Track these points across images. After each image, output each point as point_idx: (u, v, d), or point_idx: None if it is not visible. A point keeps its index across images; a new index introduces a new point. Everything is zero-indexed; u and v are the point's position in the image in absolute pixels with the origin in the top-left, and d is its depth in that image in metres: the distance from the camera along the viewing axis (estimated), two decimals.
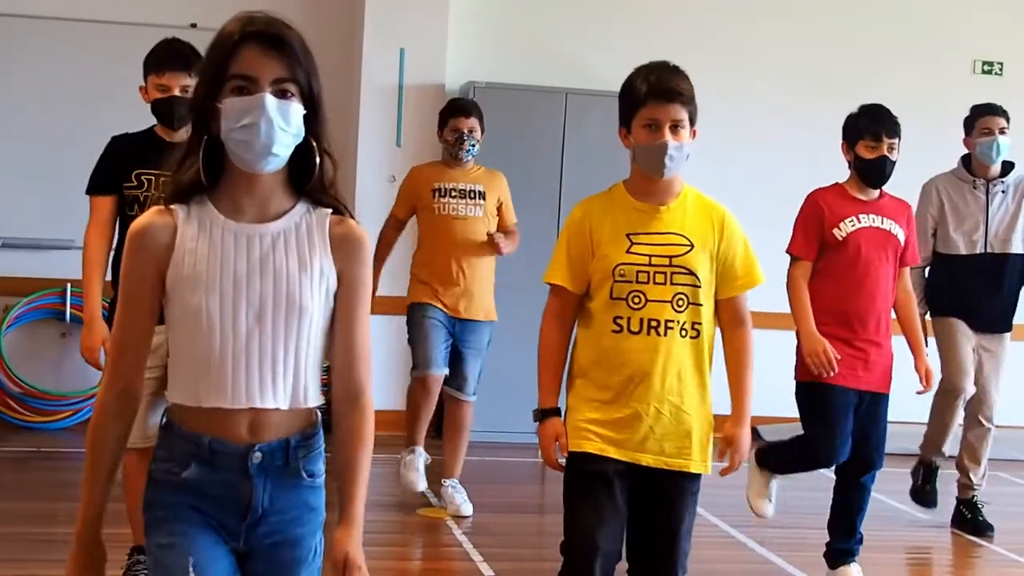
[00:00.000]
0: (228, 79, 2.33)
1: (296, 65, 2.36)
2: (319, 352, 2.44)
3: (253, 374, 2.35)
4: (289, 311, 2.36)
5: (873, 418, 5.21)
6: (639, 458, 3.44)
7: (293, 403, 2.40)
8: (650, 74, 3.45)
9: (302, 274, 2.38)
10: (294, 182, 2.43)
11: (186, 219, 2.37)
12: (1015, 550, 6.26)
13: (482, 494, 6.46)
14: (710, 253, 3.48)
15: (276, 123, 2.31)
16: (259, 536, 2.42)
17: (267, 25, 2.36)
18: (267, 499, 2.41)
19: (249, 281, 2.36)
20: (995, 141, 6.35)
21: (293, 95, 2.35)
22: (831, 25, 9.17)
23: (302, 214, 2.43)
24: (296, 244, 2.40)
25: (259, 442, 2.38)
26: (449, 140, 6.25)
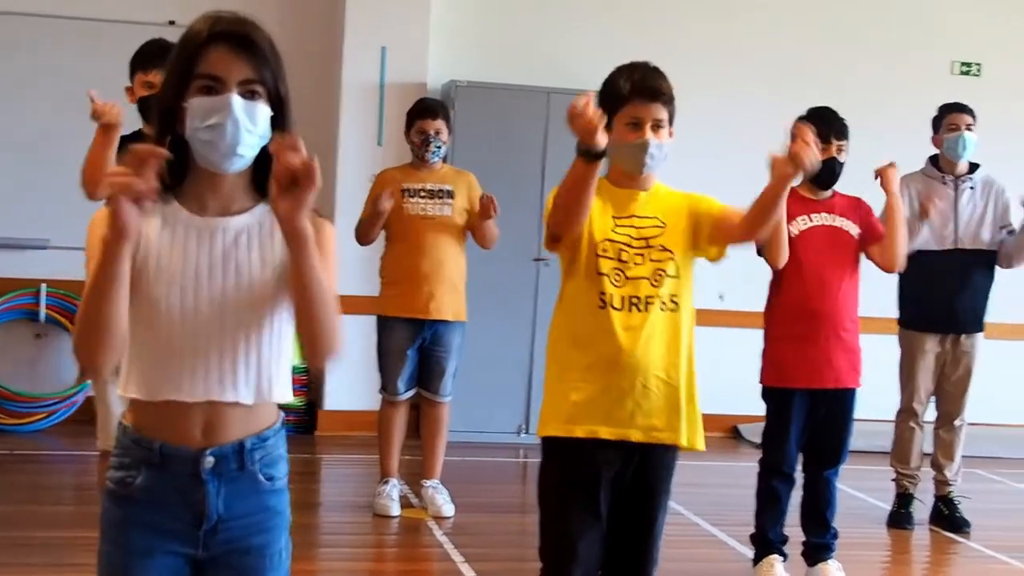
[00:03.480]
0: (195, 78, 2.32)
1: (263, 66, 2.35)
2: (284, 347, 2.42)
3: (212, 367, 2.34)
4: (250, 305, 2.35)
5: (838, 413, 5.29)
6: (628, 434, 3.48)
7: (258, 397, 2.38)
8: (634, 73, 3.51)
9: (264, 269, 2.37)
10: (259, 183, 2.42)
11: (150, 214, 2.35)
12: (992, 546, 6.30)
13: (463, 494, 6.46)
14: (682, 231, 3.55)
15: (242, 124, 2.30)
16: (219, 543, 2.39)
17: (235, 25, 2.35)
18: (222, 505, 2.37)
19: (211, 275, 2.35)
20: (961, 136, 6.43)
21: (260, 96, 2.34)
22: (810, 25, 9.20)
23: (265, 211, 2.40)
24: (259, 241, 2.39)
25: (212, 445, 2.36)
26: (416, 142, 6.23)
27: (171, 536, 2.37)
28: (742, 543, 5.77)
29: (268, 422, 2.43)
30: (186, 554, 2.39)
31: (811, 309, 5.20)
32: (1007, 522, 6.93)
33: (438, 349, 6.23)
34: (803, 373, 5.21)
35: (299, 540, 2.57)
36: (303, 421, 7.96)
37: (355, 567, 5.59)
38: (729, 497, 6.64)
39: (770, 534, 5.37)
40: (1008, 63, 9.39)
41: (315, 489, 6.90)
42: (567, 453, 3.50)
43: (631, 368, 3.47)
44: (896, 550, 6.47)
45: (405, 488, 6.54)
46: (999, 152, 7.42)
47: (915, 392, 6.53)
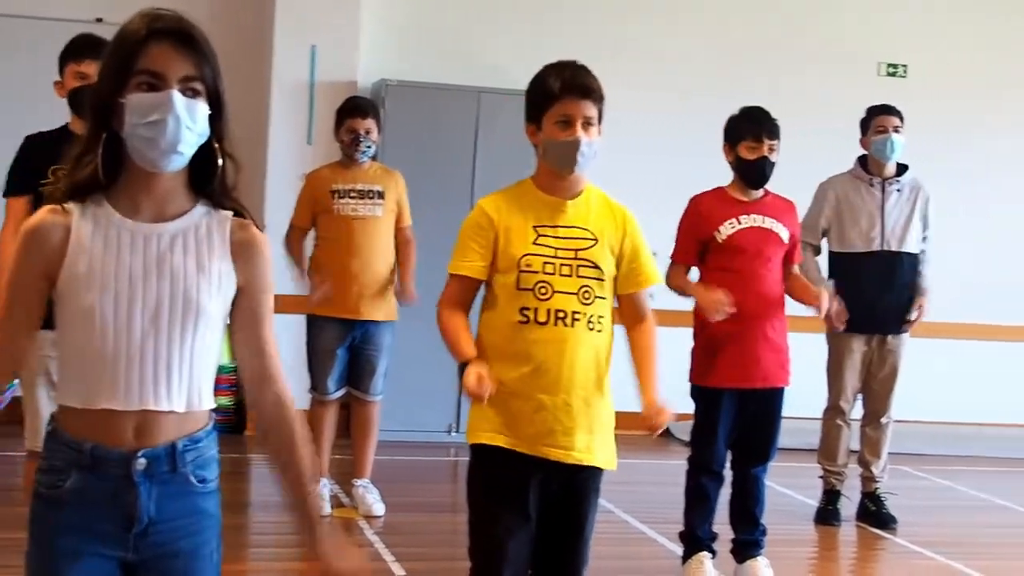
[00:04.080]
0: (134, 75, 2.29)
1: (204, 63, 2.33)
2: (215, 355, 2.41)
3: (147, 375, 2.31)
4: (185, 312, 2.33)
5: (767, 412, 5.35)
6: (547, 452, 3.45)
7: (189, 406, 2.36)
8: (563, 71, 3.48)
9: (200, 276, 2.35)
10: (194, 183, 2.40)
11: (81, 217, 2.32)
12: (917, 542, 6.38)
13: (394, 494, 6.44)
14: (612, 250, 3.52)
15: (183, 121, 2.28)
16: (150, 546, 2.36)
17: (176, 22, 2.33)
18: (154, 507, 2.34)
19: (145, 281, 2.32)
20: (889, 138, 6.50)
21: (200, 94, 2.32)
22: (740, 26, 9.27)
23: (202, 215, 2.39)
24: (195, 245, 2.36)
25: (144, 447, 2.33)
26: (345, 140, 6.21)
27: (101, 539, 2.34)
28: (672, 541, 5.81)
29: (200, 424, 2.41)
30: (116, 557, 2.36)
31: (740, 309, 5.22)
32: (932, 518, 7.03)
33: (368, 348, 6.22)
34: (732, 372, 5.26)
35: (229, 541, 2.55)
36: (232, 421, 7.91)
37: (285, 567, 5.56)
38: (659, 495, 6.68)
39: (699, 531, 5.41)
40: (933, 64, 9.52)
41: (245, 489, 6.85)
42: (494, 458, 3.48)
43: (553, 384, 3.43)
44: (823, 546, 6.54)
45: (336, 488, 6.52)
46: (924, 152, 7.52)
47: (842, 391, 6.61)
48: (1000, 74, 9.63)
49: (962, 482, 8.05)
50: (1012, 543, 6.67)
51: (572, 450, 3.46)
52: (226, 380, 7.70)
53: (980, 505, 7.53)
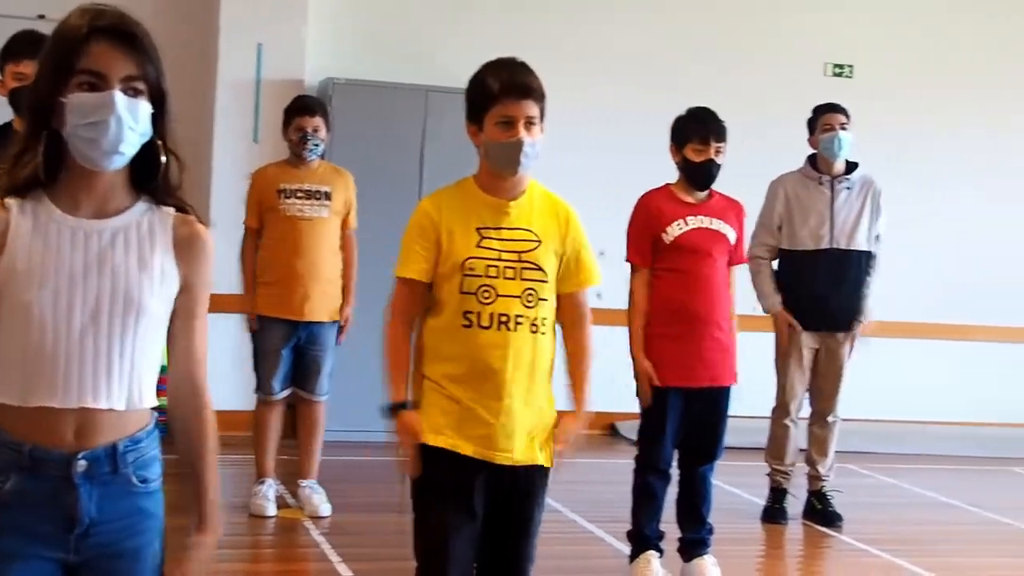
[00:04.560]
0: (75, 74, 2.26)
1: (147, 62, 2.30)
2: (158, 353, 2.38)
3: (86, 373, 2.28)
4: (126, 310, 2.30)
5: (713, 411, 5.37)
6: (491, 455, 3.42)
7: (130, 404, 2.33)
8: (501, 70, 3.42)
9: (141, 273, 2.32)
10: (136, 180, 2.37)
11: (20, 214, 2.29)
12: (863, 539, 6.43)
13: (340, 494, 6.41)
14: (555, 249, 3.49)
15: (125, 122, 2.25)
16: (91, 547, 2.33)
17: (117, 20, 2.30)
18: (95, 509, 2.32)
19: (85, 278, 2.29)
20: (836, 136, 6.54)
21: (142, 93, 2.29)
22: (686, 26, 9.30)
23: (143, 212, 2.36)
24: (137, 242, 2.34)
25: (84, 448, 2.30)
26: (293, 139, 6.17)
27: (42, 540, 2.31)
28: (619, 540, 5.81)
29: (141, 424, 2.38)
30: (57, 559, 2.33)
31: (687, 309, 5.26)
32: (878, 516, 7.07)
33: (314, 349, 6.19)
34: (679, 372, 5.27)
35: (173, 542, 2.52)
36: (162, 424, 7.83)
37: (231, 568, 5.51)
38: (606, 494, 6.68)
39: (646, 530, 5.41)
40: (879, 65, 9.60)
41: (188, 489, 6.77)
42: (439, 460, 3.45)
43: (496, 389, 3.40)
44: (770, 544, 6.57)
45: (281, 488, 6.47)
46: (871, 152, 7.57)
47: (790, 390, 6.63)
48: (946, 73, 9.73)
49: (907, 480, 8.11)
50: (956, 540, 6.73)
51: (514, 452, 3.44)
52: None
53: (925, 503, 7.59)
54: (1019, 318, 9.90)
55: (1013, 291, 9.88)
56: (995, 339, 9.91)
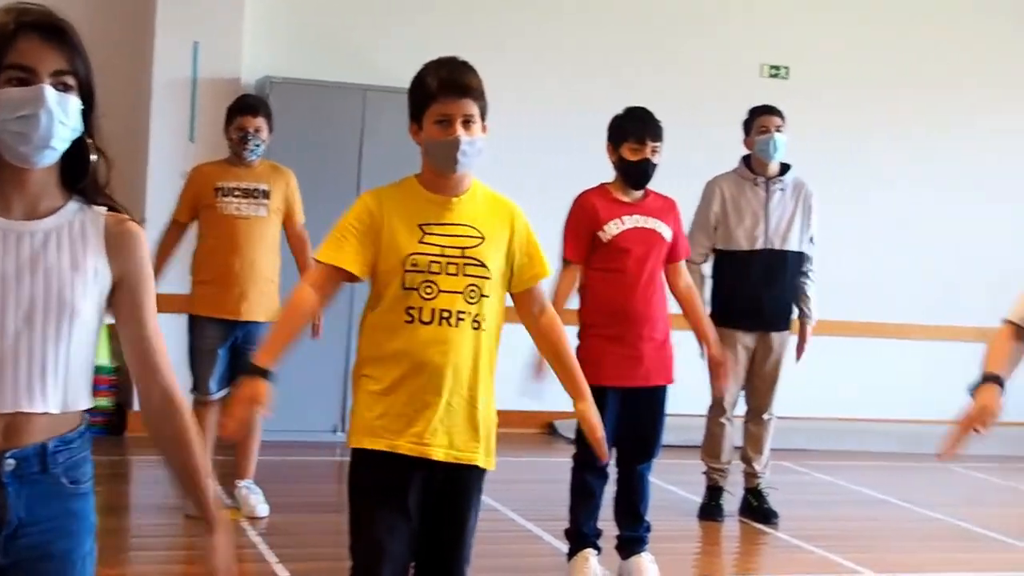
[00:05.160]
0: (3, 70, 2.23)
1: (76, 57, 2.28)
2: (91, 354, 2.36)
3: (21, 377, 2.25)
4: (60, 312, 2.27)
5: (651, 410, 5.41)
6: (429, 452, 3.42)
7: (64, 407, 2.30)
8: (440, 69, 3.42)
9: (74, 274, 2.30)
10: (66, 180, 2.35)
11: None
12: (799, 536, 6.49)
13: (278, 494, 6.38)
14: (500, 247, 3.49)
15: (56, 115, 2.23)
16: (21, 549, 2.30)
17: (45, 16, 2.28)
18: (23, 509, 2.29)
19: (18, 280, 2.26)
20: (771, 138, 6.59)
21: (72, 88, 2.27)
22: (625, 26, 9.33)
23: (75, 212, 2.34)
24: (69, 243, 2.31)
25: (13, 447, 2.27)
26: (234, 138, 6.13)
27: None
28: (557, 538, 5.83)
29: (72, 424, 2.36)
30: None
31: (623, 309, 5.28)
32: (813, 512, 7.15)
33: (251, 348, 6.14)
34: (616, 371, 5.29)
35: (108, 544, 2.51)
36: (112, 422, 7.76)
37: (166, 570, 5.48)
38: (544, 492, 6.70)
39: (584, 528, 5.43)
40: (814, 66, 9.68)
41: (124, 491, 6.73)
42: (375, 460, 3.45)
43: (436, 384, 3.40)
44: (707, 541, 6.61)
45: (218, 489, 6.41)
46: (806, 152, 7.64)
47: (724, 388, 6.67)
48: (880, 73, 9.83)
49: (843, 477, 8.19)
50: (890, 536, 6.80)
51: (454, 449, 3.45)
52: (106, 381, 7.58)
53: (860, 499, 7.67)
54: (955, 316, 10.03)
55: (950, 289, 10.01)
56: (931, 337, 10.03)
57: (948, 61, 10.02)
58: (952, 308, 10.03)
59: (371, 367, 3.48)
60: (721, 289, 6.64)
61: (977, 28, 10.13)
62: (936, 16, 10.05)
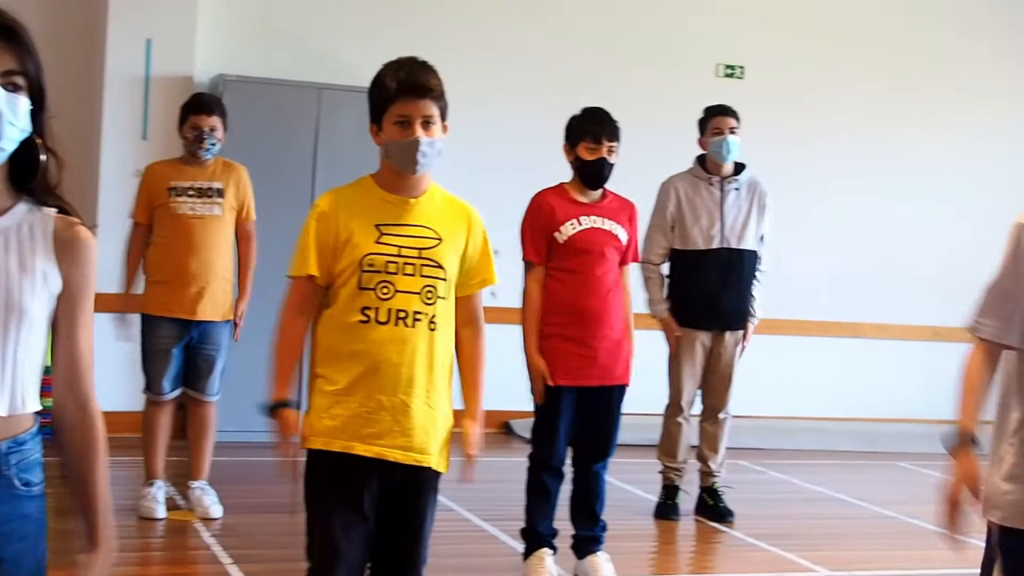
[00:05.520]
0: None
1: (26, 57, 2.25)
2: (40, 356, 2.33)
3: None
4: (8, 314, 2.24)
5: (606, 409, 5.42)
6: (385, 453, 3.41)
7: (12, 409, 2.27)
8: (400, 70, 3.42)
9: (23, 276, 2.26)
10: (16, 180, 2.31)
11: None
12: (754, 534, 6.51)
13: (232, 495, 6.34)
14: (456, 249, 3.49)
15: (5, 116, 2.19)
16: None
17: None
18: None
19: None
20: (725, 140, 6.61)
21: (21, 88, 2.24)
22: (582, 27, 9.34)
23: (24, 214, 2.31)
24: (17, 245, 2.28)
25: None
26: (189, 137, 6.09)
27: None
28: (513, 538, 5.82)
29: (25, 426, 2.33)
30: None
31: (580, 309, 5.29)
32: (768, 511, 7.17)
33: (206, 347, 6.11)
34: (572, 370, 5.30)
35: (60, 547, 2.47)
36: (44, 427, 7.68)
37: (119, 572, 5.41)
38: (500, 492, 6.67)
39: (540, 528, 5.43)
40: (769, 66, 9.72)
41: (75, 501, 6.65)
42: (330, 462, 3.44)
43: (392, 385, 3.39)
44: (662, 540, 6.62)
45: (171, 490, 6.38)
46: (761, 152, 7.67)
47: (682, 387, 6.69)
48: (835, 74, 9.89)
49: (797, 476, 8.23)
50: (845, 534, 6.84)
51: (411, 451, 3.43)
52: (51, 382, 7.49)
53: (814, 498, 7.71)
54: (908, 316, 10.11)
55: (903, 289, 10.09)
56: (885, 337, 10.10)
57: (901, 62, 10.09)
58: (906, 307, 10.11)
59: (326, 367, 3.47)
60: (678, 289, 6.65)
61: (929, 30, 10.21)
62: (890, 18, 10.11)
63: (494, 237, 3.68)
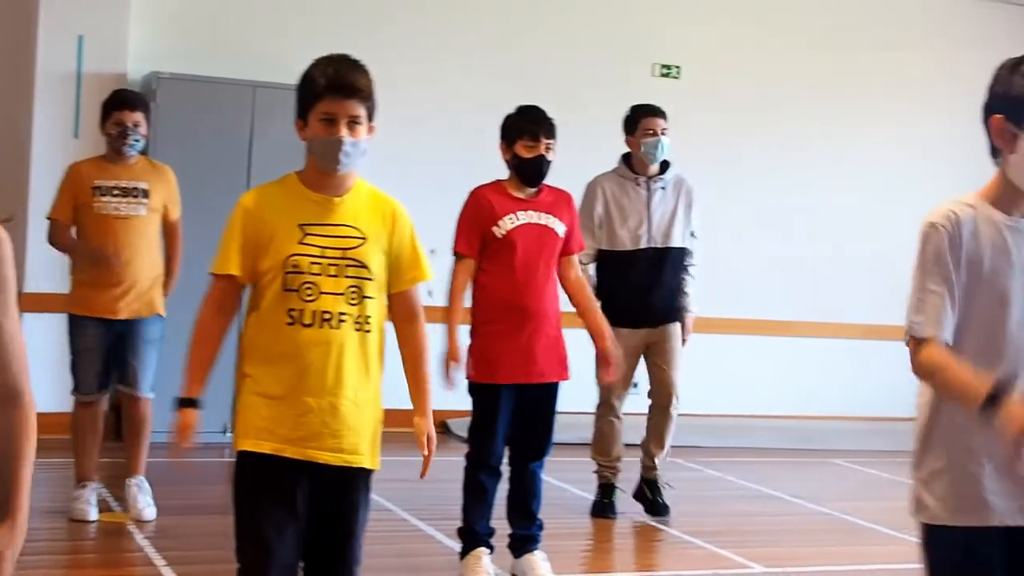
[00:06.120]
0: None
1: None
2: None
3: None
4: None
5: (542, 407, 5.42)
6: (314, 455, 3.39)
7: None
8: (328, 67, 3.40)
9: None
10: None
11: None
12: (690, 532, 6.53)
13: (166, 496, 6.27)
14: (382, 247, 3.47)
15: None
16: None
17: None
18: None
19: None
20: (658, 141, 6.63)
21: None
22: (517, 24, 9.34)
23: None
24: None
25: None
26: (112, 134, 6.02)
27: None
28: (450, 537, 5.81)
29: None
30: None
31: (517, 305, 5.28)
32: (704, 508, 7.20)
33: (133, 344, 6.04)
34: (509, 368, 5.29)
35: None
36: None
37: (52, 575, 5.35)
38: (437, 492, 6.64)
39: (477, 527, 5.42)
40: (705, 66, 9.77)
41: None
42: (260, 463, 3.41)
43: (319, 387, 3.37)
44: (599, 539, 6.64)
45: (104, 492, 6.31)
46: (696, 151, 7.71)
47: (614, 386, 6.70)
48: (770, 74, 9.95)
49: (733, 473, 8.28)
50: (779, 530, 6.89)
51: (341, 452, 3.41)
52: None
53: (750, 495, 7.75)
54: (841, 314, 10.20)
55: (836, 288, 10.17)
56: (819, 335, 10.18)
57: (836, 62, 10.17)
58: (839, 305, 10.20)
59: (253, 368, 3.44)
60: (607, 287, 6.65)
61: (864, 30, 10.30)
62: (825, 17, 10.20)
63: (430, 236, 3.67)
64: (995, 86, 2.91)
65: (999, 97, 2.89)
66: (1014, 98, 2.84)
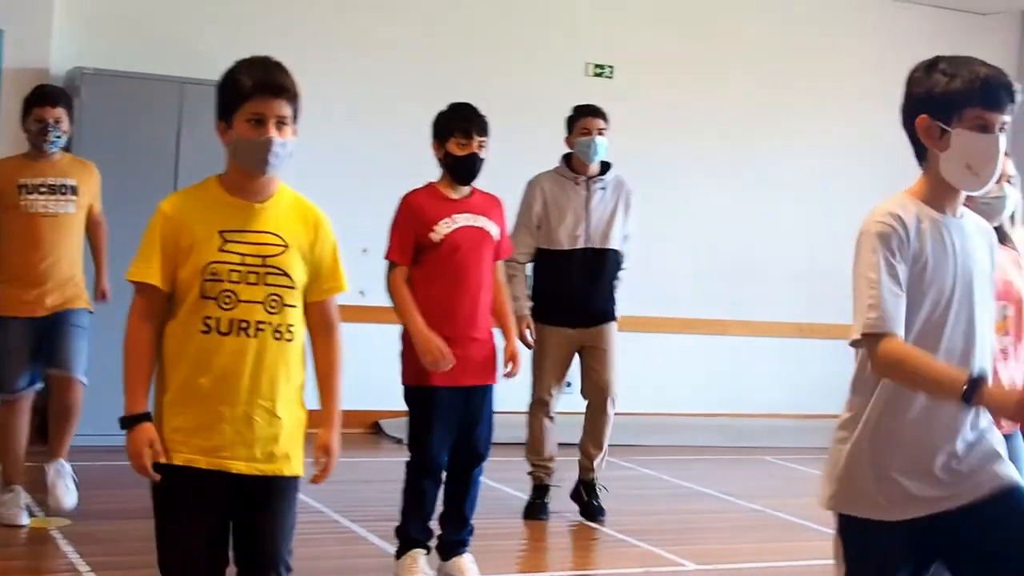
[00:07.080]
0: None
1: None
2: None
3: None
4: None
5: (479, 411, 5.37)
6: (229, 465, 3.32)
7: None
8: (254, 68, 3.35)
9: None
10: None
11: None
12: (624, 531, 6.53)
13: (91, 500, 6.16)
14: (303, 254, 3.41)
15: None
16: None
17: None
18: None
19: None
20: (593, 141, 6.62)
21: None
22: (449, 21, 9.30)
23: None
24: None
25: None
26: (32, 131, 5.91)
27: None
28: (383, 539, 5.77)
29: None
30: None
31: (453, 309, 5.23)
32: (637, 507, 7.20)
33: (61, 329, 5.90)
34: (447, 372, 5.21)
35: None
36: None
37: None
38: (369, 493, 6.63)
39: (415, 529, 5.36)
40: (637, 66, 9.78)
41: None
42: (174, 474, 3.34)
43: (234, 396, 3.30)
44: (532, 539, 6.61)
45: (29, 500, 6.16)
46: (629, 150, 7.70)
47: (546, 385, 6.68)
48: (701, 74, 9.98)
49: (665, 471, 8.29)
50: (712, 528, 6.91)
51: (254, 461, 3.35)
52: None
53: (682, 493, 7.77)
54: (773, 312, 10.25)
55: (768, 286, 10.22)
56: (750, 333, 10.23)
57: (767, 61, 10.22)
58: (771, 304, 10.25)
59: (169, 376, 3.37)
60: (542, 287, 6.64)
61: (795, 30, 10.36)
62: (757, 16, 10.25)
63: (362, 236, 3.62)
64: (914, 88, 2.95)
65: (921, 97, 2.93)
66: (938, 95, 2.89)
